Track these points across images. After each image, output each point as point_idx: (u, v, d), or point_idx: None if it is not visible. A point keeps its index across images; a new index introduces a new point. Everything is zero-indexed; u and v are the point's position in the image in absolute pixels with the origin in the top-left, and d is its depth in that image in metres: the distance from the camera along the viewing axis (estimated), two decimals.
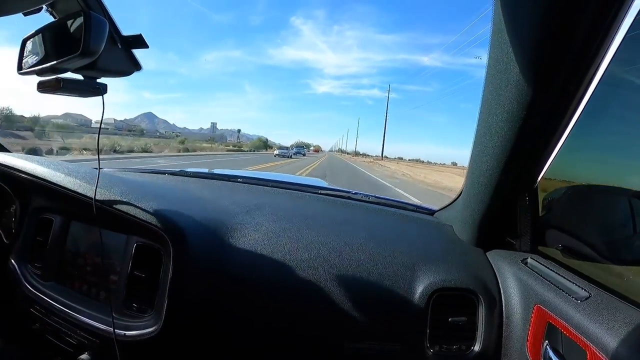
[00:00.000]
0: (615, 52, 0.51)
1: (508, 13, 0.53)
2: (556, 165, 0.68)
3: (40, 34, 0.76)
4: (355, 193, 1.24)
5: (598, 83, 0.55)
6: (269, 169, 14.97)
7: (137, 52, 0.80)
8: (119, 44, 0.75)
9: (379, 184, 14.25)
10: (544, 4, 0.48)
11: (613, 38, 0.50)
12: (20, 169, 0.94)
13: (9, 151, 1.19)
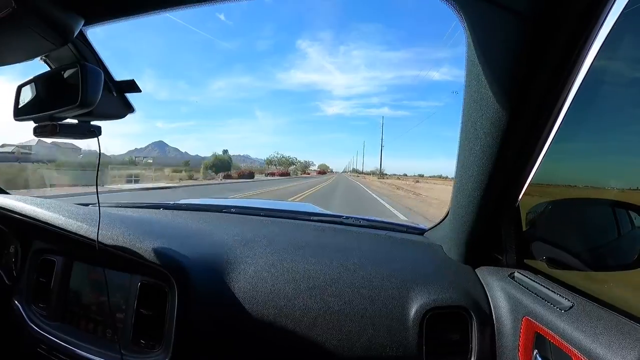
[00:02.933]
0: (582, 79, 0.56)
1: (479, 46, 0.58)
2: (536, 180, 0.73)
3: (36, 82, 0.79)
4: (347, 217, 1.27)
5: (567, 110, 0.60)
6: None
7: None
8: (113, 92, 0.78)
9: None
10: (511, 35, 0.53)
11: (582, 62, 0.54)
12: (19, 211, 0.96)
13: (7, 193, 1.20)
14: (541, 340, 0.67)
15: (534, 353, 0.68)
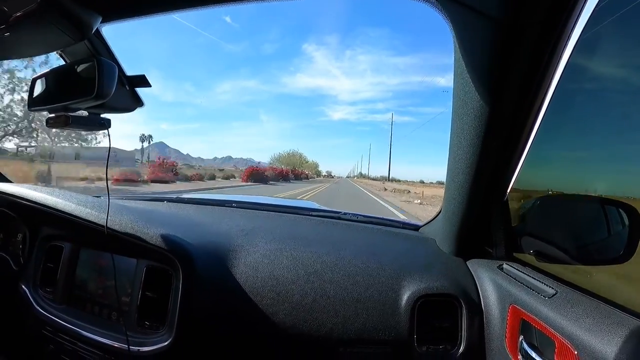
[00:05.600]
0: (561, 73, 0.61)
1: (462, 45, 0.63)
2: (521, 179, 0.77)
3: (51, 75, 0.83)
4: (345, 213, 1.32)
5: (547, 106, 0.64)
6: None
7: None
8: (126, 86, 0.82)
9: None
10: (488, 36, 0.59)
11: (561, 54, 0.59)
12: (30, 199, 1.00)
13: (10, 181, 1.24)
14: (526, 326, 0.71)
15: (520, 338, 0.71)
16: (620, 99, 0.75)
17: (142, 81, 0.84)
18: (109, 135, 0.92)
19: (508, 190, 0.80)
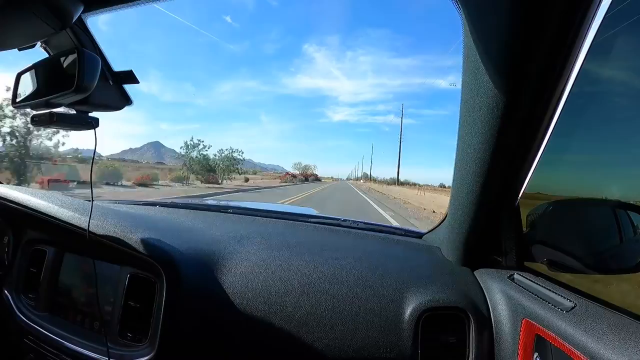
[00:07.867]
0: (579, 70, 0.55)
1: (475, 42, 0.57)
2: (535, 182, 0.71)
3: (35, 69, 0.79)
4: (344, 220, 1.26)
5: (565, 102, 0.59)
6: None
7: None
8: (110, 81, 0.78)
9: None
10: (506, 31, 0.53)
11: (578, 54, 0.54)
12: (13, 200, 0.96)
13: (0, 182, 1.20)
14: (542, 343, 0.65)
15: (534, 356, 0.66)
16: None
17: (129, 77, 0.80)
18: (95, 135, 0.88)
19: (520, 194, 0.74)
